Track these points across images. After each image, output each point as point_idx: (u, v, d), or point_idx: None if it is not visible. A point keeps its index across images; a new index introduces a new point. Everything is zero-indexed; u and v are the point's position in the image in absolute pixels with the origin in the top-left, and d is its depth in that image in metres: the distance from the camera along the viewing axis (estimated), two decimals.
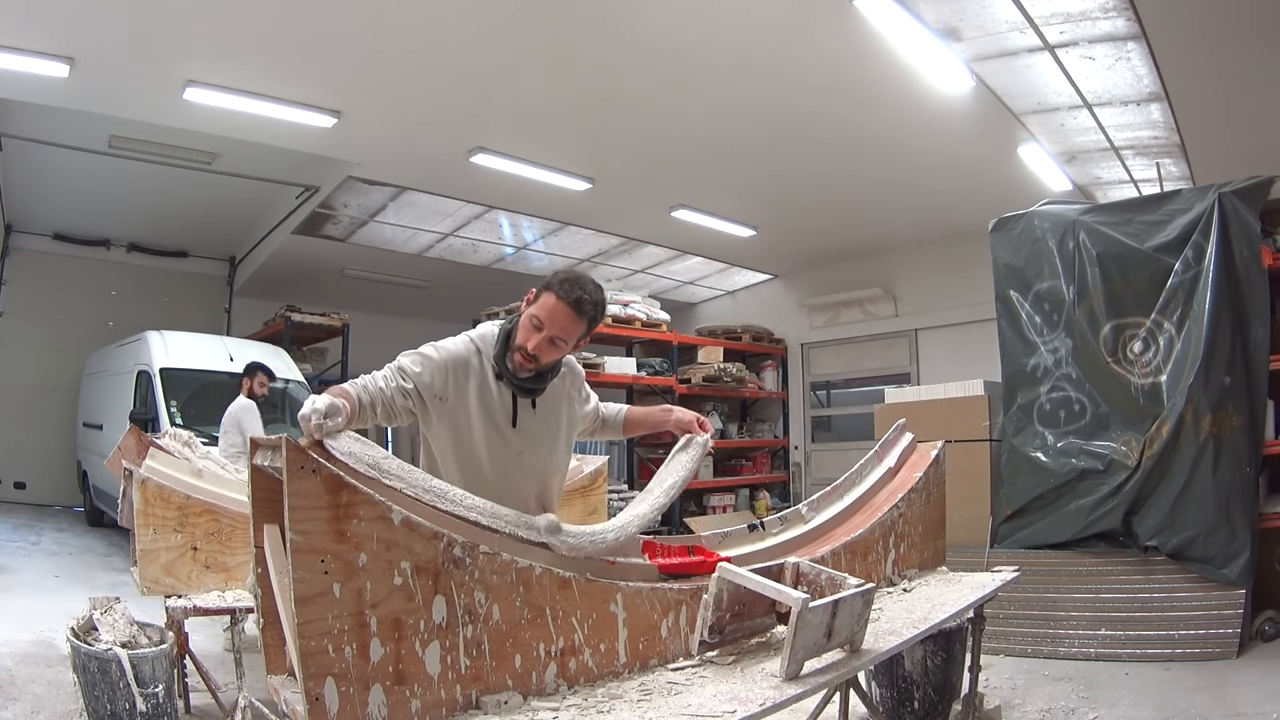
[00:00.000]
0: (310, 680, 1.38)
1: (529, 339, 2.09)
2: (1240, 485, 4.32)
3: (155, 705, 2.86)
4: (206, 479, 3.42)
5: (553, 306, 2.08)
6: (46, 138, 6.87)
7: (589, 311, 2.11)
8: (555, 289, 2.09)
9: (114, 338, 8.37)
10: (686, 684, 1.80)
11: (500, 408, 2.16)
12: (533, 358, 2.09)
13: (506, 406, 2.17)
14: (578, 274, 2.17)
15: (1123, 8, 4.32)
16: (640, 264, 9.99)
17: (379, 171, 7.00)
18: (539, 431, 2.23)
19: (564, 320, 2.08)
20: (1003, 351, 5.22)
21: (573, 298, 2.08)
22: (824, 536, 2.64)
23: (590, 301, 2.11)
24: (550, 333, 2.08)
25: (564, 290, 2.08)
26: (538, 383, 2.19)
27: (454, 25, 4.82)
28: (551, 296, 2.09)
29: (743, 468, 10.19)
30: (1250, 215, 4.47)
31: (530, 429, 2.20)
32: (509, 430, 2.16)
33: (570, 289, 2.09)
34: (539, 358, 2.10)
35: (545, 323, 2.08)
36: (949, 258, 8.39)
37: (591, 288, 2.14)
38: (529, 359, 2.09)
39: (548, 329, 2.08)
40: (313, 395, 1.86)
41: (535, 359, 2.10)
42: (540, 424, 2.24)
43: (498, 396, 2.16)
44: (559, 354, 2.16)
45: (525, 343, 2.09)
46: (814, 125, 6.09)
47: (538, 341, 2.08)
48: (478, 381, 2.15)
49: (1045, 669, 4.21)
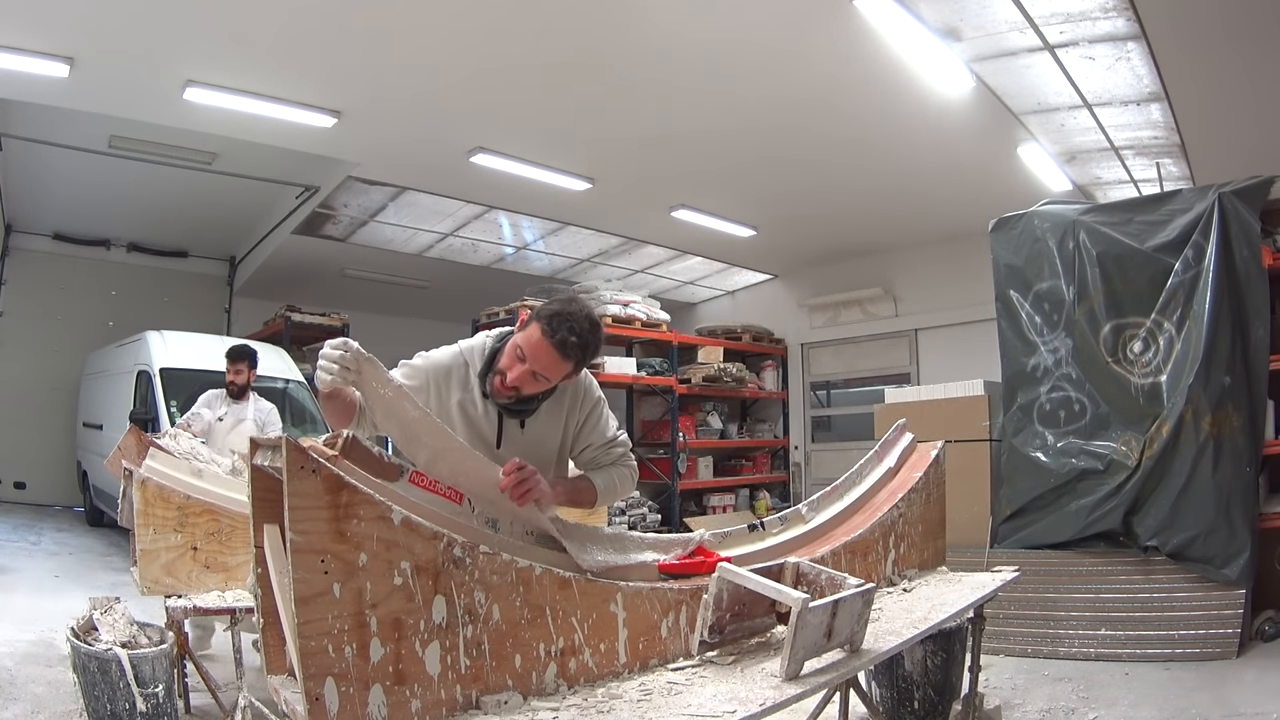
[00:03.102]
0: (310, 680, 1.38)
1: (511, 367, 1.97)
2: (1240, 485, 4.32)
3: (155, 705, 2.85)
4: (206, 479, 3.42)
5: (536, 342, 1.93)
6: (46, 138, 6.86)
7: (574, 354, 1.95)
8: (543, 323, 1.94)
9: (114, 338, 8.36)
10: (686, 684, 1.80)
11: (486, 425, 2.07)
12: (513, 387, 1.99)
13: (493, 425, 2.08)
14: (571, 309, 1.98)
15: (1123, 8, 4.32)
16: (640, 264, 9.99)
17: (379, 171, 7.00)
18: (527, 453, 2.03)
19: (546, 359, 1.94)
20: (1003, 351, 5.22)
21: (557, 337, 1.92)
22: (824, 536, 2.64)
23: (578, 344, 1.94)
24: (532, 367, 1.95)
25: (550, 327, 1.92)
26: (525, 404, 2.08)
27: (454, 25, 4.82)
28: (537, 330, 1.94)
29: (743, 468, 10.20)
30: (1250, 215, 4.47)
31: (517, 449, 2.05)
32: (494, 450, 2.06)
33: (557, 326, 1.92)
34: (519, 389, 1.99)
35: (528, 357, 1.94)
36: (949, 258, 8.41)
37: (583, 325, 1.95)
38: (509, 388, 1.99)
39: (530, 363, 1.95)
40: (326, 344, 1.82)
41: (515, 389, 1.99)
42: (529, 445, 2.10)
43: (483, 414, 2.07)
44: (540, 387, 2.02)
45: (507, 370, 1.98)
46: (814, 125, 6.09)
47: (519, 374, 1.96)
48: (461, 395, 2.07)
49: (1045, 669, 4.21)
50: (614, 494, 2.21)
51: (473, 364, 2.11)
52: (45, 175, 7.71)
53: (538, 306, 2.03)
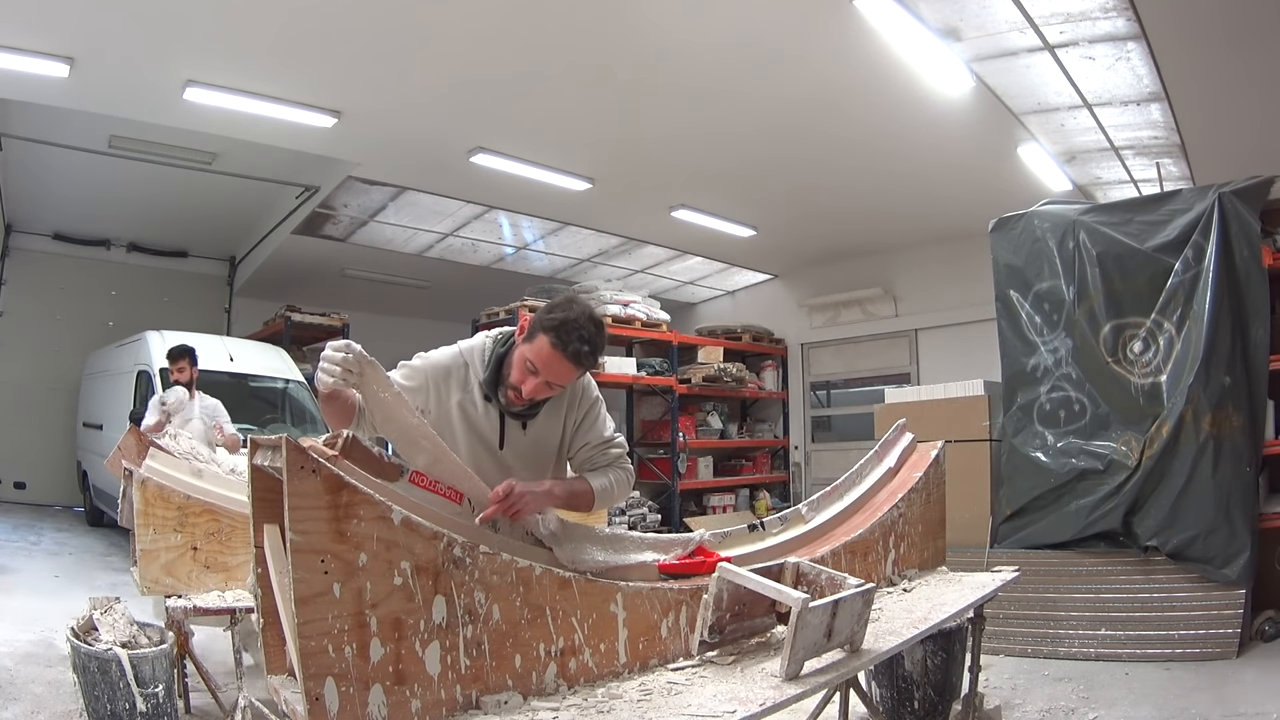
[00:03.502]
0: (310, 680, 1.38)
1: (523, 380, 1.97)
2: (1240, 485, 4.32)
3: (155, 705, 2.85)
4: (206, 479, 3.43)
5: (549, 356, 1.93)
6: (46, 138, 6.86)
7: (588, 362, 1.97)
8: (552, 335, 1.92)
9: (114, 338, 8.36)
10: (686, 684, 1.80)
11: (487, 427, 2.08)
12: (529, 398, 1.99)
13: (494, 427, 2.09)
14: (575, 315, 1.96)
15: (1123, 8, 4.32)
16: (640, 264, 9.99)
17: (379, 171, 7.00)
18: (529, 453, 2.12)
19: (560, 370, 1.95)
20: (1003, 351, 5.22)
21: (570, 350, 1.92)
22: (824, 536, 2.64)
23: (590, 353, 1.95)
24: (545, 378, 1.96)
25: (560, 340, 1.91)
26: (530, 408, 2.08)
27: (454, 25, 4.83)
28: (547, 343, 1.92)
29: (743, 468, 10.20)
30: (1250, 215, 4.47)
31: (520, 451, 2.11)
32: (497, 452, 2.08)
33: (568, 337, 1.92)
34: (534, 399, 2.01)
35: (541, 370, 1.94)
36: (949, 258, 8.41)
37: (590, 331, 1.96)
38: (522, 399, 2.00)
39: (544, 375, 1.95)
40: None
41: (530, 398, 2.00)
42: (531, 445, 2.13)
43: (484, 416, 2.08)
44: (553, 394, 2.04)
45: (520, 384, 1.97)
46: (814, 125, 6.09)
47: (533, 386, 1.96)
48: (461, 396, 2.07)
49: (1045, 669, 4.21)
50: (611, 497, 2.20)
51: (472, 364, 2.10)
52: (45, 175, 7.71)
53: (539, 313, 2.01)
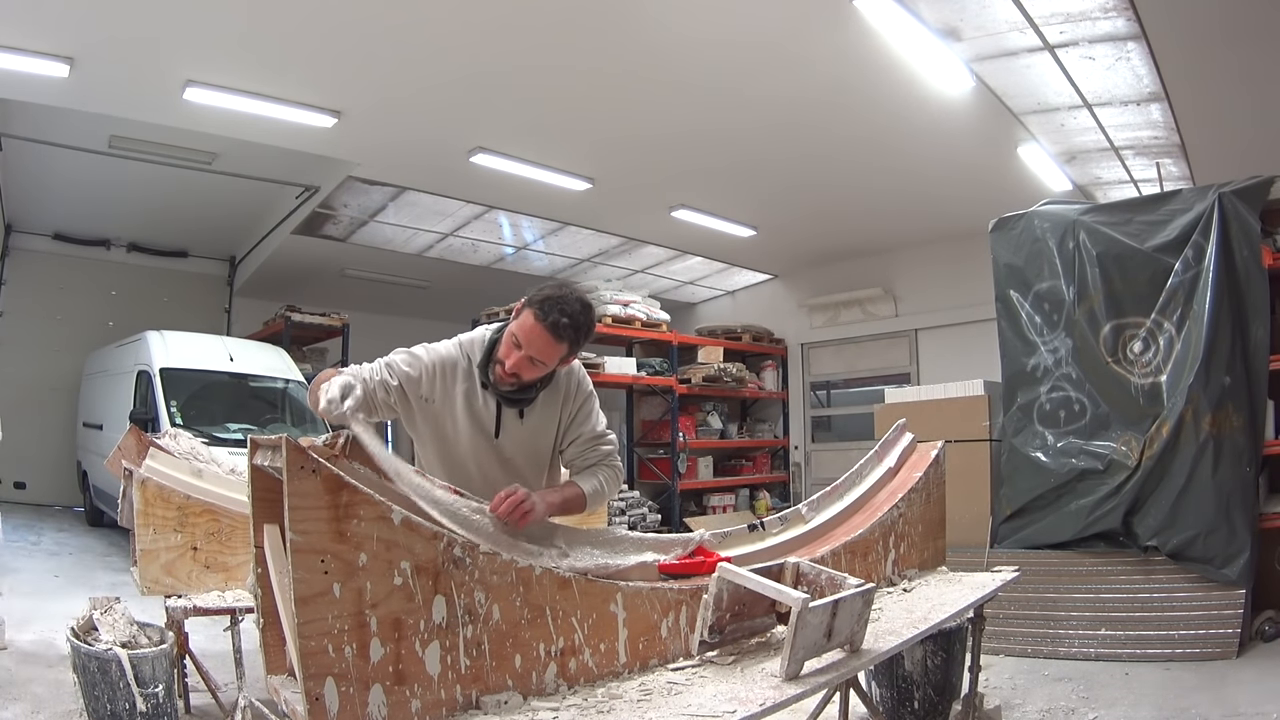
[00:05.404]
0: (310, 680, 1.38)
1: (508, 355, 2.02)
2: (1240, 485, 4.32)
3: (155, 705, 2.85)
4: (206, 479, 3.42)
5: (530, 327, 2.00)
6: (46, 138, 6.86)
7: (567, 335, 2.00)
8: (535, 307, 2.01)
9: (114, 338, 8.35)
10: (686, 684, 1.80)
11: (486, 415, 2.12)
12: (513, 374, 2.04)
13: (492, 415, 2.13)
14: (562, 292, 2.04)
15: (1123, 8, 4.32)
16: (640, 264, 9.99)
17: (379, 171, 7.00)
18: (525, 442, 2.17)
19: (540, 342, 2.00)
20: (1003, 351, 5.22)
21: (549, 320, 1.98)
22: (824, 536, 2.64)
23: (569, 325, 2.00)
24: (528, 352, 2.01)
25: (542, 311, 1.99)
26: (524, 394, 2.12)
27: (454, 25, 4.83)
28: (530, 316, 2.01)
29: (743, 468, 10.20)
30: (1250, 215, 4.47)
31: (516, 439, 2.15)
32: (492, 440, 2.12)
33: (549, 310, 1.99)
34: (519, 375, 2.04)
35: (523, 342, 2.00)
36: (949, 258, 8.40)
37: (575, 307, 2.02)
38: (509, 375, 2.04)
39: (525, 349, 2.00)
40: (325, 384, 1.88)
41: (516, 375, 2.04)
42: (527, 435, 2.17)
43: (484, 404, 2.12)
44: (539, 372, 2.08)
45: (505, 358, 2.03)
46: (814, 125, 6.09)
47: (516, 360, 2.01)
48: (465, 386, 2.12)
49: (1045, 669, 4.21)
50: (602, 497, 2.22)
51: (474, 356, 2.15)
52: (45, 175, 7.71)
53: (530, 293, 2.07)
